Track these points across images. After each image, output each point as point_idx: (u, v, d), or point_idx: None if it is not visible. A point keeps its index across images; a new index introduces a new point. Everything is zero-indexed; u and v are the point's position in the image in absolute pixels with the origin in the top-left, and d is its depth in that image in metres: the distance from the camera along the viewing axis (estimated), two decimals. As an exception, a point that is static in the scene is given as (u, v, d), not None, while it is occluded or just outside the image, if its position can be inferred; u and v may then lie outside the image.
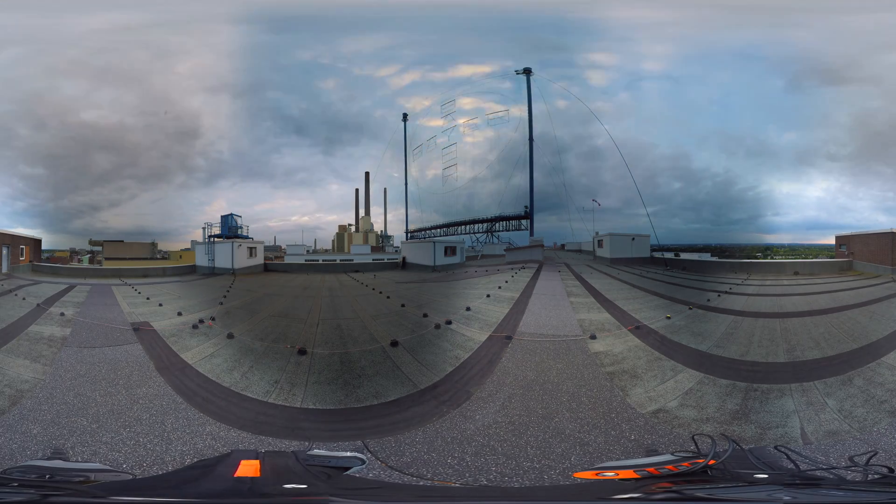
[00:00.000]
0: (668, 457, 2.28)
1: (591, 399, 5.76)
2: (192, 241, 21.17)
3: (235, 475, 1.93)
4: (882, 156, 18.07)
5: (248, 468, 1.98)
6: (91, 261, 21.14)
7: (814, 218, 18.85)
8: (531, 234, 22.82)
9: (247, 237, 20.14)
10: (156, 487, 2.13)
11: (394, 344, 8.22)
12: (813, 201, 18.71)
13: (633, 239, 20.62)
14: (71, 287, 14.81)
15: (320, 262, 22.93)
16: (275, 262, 21.72)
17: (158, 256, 21.88)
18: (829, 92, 17.56)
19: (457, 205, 24.75)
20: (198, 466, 2.56)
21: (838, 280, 16.09)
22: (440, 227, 25.65)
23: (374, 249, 26.62)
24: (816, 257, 18.95)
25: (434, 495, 2.71)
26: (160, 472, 4.00)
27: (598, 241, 22.02)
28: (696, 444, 2.41)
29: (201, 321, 10.08)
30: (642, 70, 19.82)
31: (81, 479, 2.05)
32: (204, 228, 19.73)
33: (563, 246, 26.18)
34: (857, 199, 18.46)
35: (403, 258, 22.26)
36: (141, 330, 9.31)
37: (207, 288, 16.90)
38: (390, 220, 28.74)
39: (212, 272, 18.99)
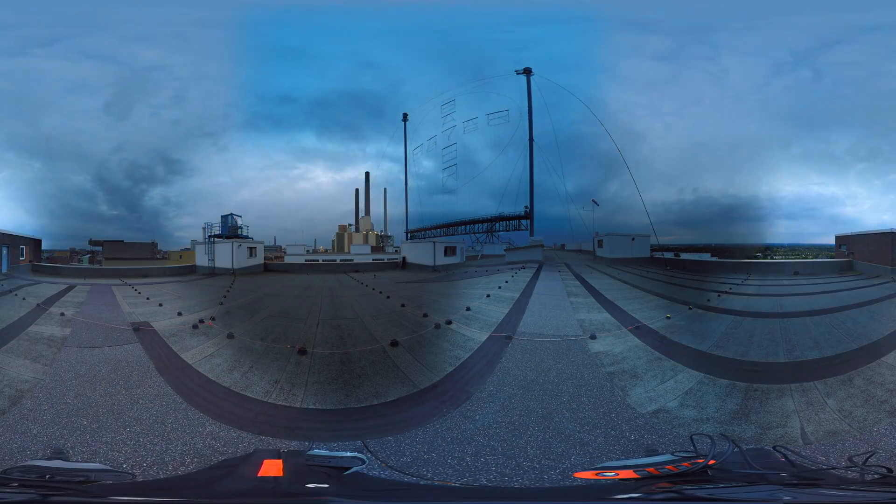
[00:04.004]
0: (668, 457, 2.28)
1: (591, 399, 5.76)
2: (192, 240, 21.19)
3: (259, 475, 1.95)
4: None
5: (271, 468, 2.00)
6: (91, 261, 21.14)
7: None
8: (531, 234, 22.82)
9: (247, 237, 20.15)
10: (182, 488, 2.14)
11: (394, 344, 8.22)
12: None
13: (633, 239, 20.63)
14: (71, 287, 14.82)
15: (320, 262, 22.93)
16: (275, 262, 21.72)
17: (158, 256, 21.88)
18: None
19: (457, 205, 24.75)
20: (221, 467, 2.58)
21: (838, 280, 16.10)
22: (440, 226, 25.64)
23: (374, 249, 26.62)
24: (816, 257, 18.96)
25: (434, 495, 2.71)
26: (161, 473, 4.00)
27: (598, 241, 22.02)
28: (694, 445, 2.41)
29: (201, 321, 10.08)
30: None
31: (81, 479, 2.05)
32: (204, 228, 19.76)
33: (563, 246, 26.20)
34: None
35: (403, 258, 22.26)
36: (141, 330, 9.31)
37: (207, 288, 16.91)
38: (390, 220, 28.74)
39: (212, 272, 19.00)
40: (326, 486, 1.97)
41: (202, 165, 21.25)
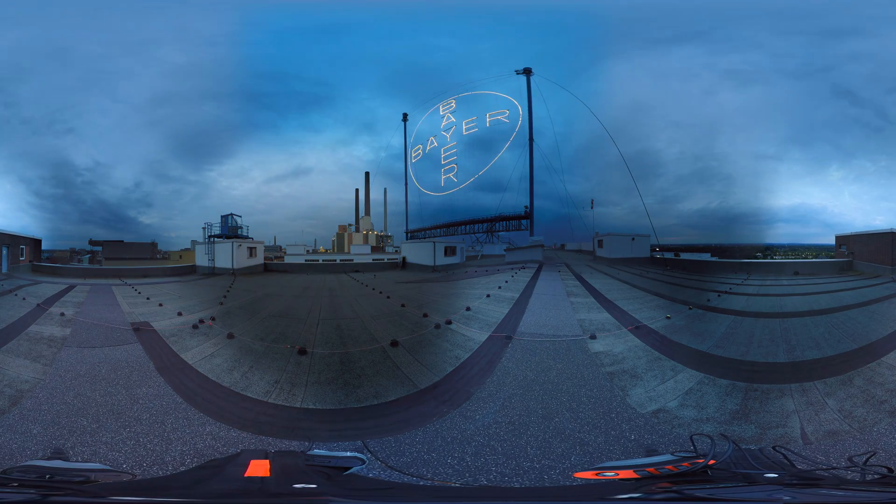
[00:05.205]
0: (668, 457, 2.29)
1: (591, 399, 5.76)
2: (192, 240, 21.19)
3: (246, 475, 1.95)
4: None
5: (259, 468, 2.00)
6: (91, 261, 21.14)
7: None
8: (531, 234, 22.81)
9: (247, 237, 20.14)
10: (169, 488, 2.14)
11: (394, 344, 8.22)
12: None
13: (633, 239, 20.62)
14: (71, 287, 14.81)
15: (320, 262, 22.94)
16: (275, 262, 21.72)
17: (158, 256, 21.88)
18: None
19: (457, 204, 24.72)
20: (208, 467, 2.58)
21: (838, 280, 16.09)
22: (440, 226, 25.63)
23: (375, 249, 26.62)
24: (816, 257, 18.96)
25: (434, 495, 2.71)
26: (160, 473, 4.00)
27: (598, 241, 22.02)
28: (694, 445, 2.41)
29: (201, 321, 10.08)
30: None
31: (81, 479, 2.05)
32: (204, 228, 19.74)
33: (563, 246, 26.19)
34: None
35: (403, 258, 22.27)
36: (141, 330, 9.31)
37: (207, 288, 16.90)
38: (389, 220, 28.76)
39: (212, 272, 19.00)
40: (314, 486, 1.97)
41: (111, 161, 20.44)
